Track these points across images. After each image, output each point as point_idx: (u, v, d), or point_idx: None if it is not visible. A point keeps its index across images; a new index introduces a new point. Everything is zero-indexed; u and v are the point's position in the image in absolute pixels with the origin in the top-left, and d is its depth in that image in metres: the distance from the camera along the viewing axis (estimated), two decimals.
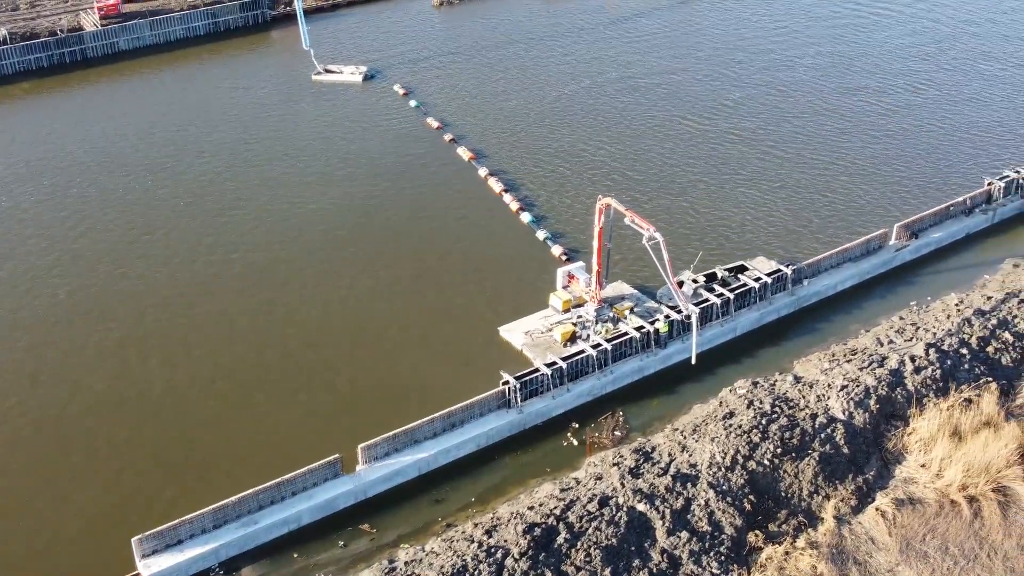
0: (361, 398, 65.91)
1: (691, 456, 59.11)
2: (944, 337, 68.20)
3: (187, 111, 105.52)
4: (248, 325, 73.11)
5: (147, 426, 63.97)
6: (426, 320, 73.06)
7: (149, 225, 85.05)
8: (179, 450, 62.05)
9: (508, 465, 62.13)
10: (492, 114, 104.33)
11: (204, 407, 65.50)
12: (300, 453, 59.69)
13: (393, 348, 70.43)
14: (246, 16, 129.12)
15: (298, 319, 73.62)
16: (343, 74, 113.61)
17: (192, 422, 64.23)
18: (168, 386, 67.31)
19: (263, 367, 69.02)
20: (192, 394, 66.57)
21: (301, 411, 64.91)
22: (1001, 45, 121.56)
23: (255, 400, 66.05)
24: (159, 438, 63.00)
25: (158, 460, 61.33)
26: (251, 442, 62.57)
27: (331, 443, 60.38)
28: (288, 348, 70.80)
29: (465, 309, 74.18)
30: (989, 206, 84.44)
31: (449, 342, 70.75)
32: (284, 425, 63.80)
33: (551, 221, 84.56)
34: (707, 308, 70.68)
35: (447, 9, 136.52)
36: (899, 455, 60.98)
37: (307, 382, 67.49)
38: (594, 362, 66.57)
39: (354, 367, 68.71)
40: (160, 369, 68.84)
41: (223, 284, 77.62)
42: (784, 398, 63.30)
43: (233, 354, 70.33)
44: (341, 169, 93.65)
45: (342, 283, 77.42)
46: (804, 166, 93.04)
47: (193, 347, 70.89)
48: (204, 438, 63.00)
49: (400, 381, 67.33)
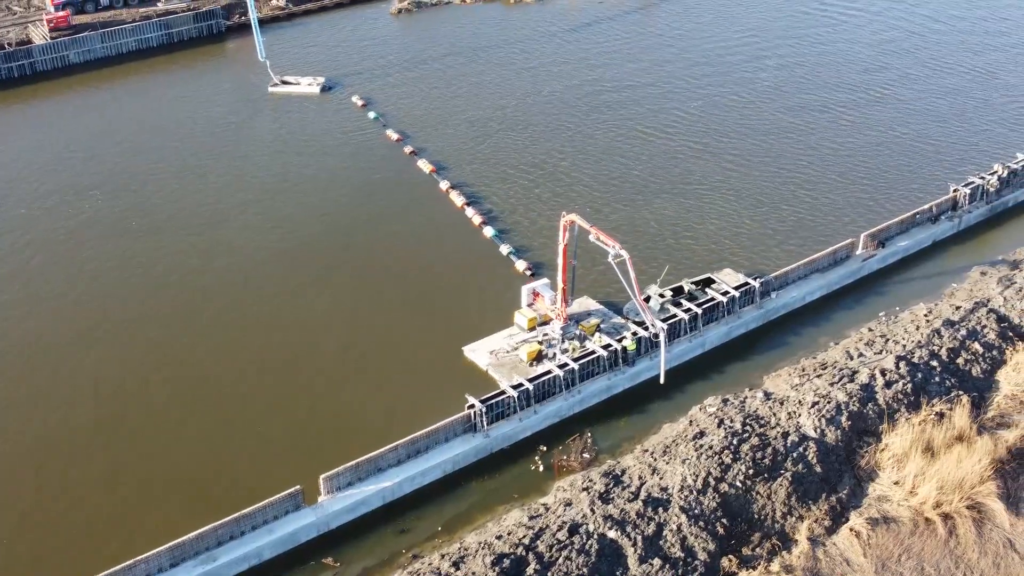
0: (321, 426, 63.80)
1: (662, 479, 57.80)
2: (914, 349, 67.43)
3: (139, 126, 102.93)
4: (198, 351, 70.51)
5: (96, 461, 61.52)
6: (387, 341, 71.20)
7: (96, 247, 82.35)
8: (131, 486, 59.67)
9: (475, 491, 60.47)
10: (453, 125, 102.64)
11: (155, 439, 62.94)
12: (259, 485, 57.64)
13: (353, 372, 68.48)
14: (200, 27, 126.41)
15: (252, 344, 71.25)
16: (300, 85, 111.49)
17: (143, 456, 61.76)
18: (116, 418, 64.72)
19: (215, 395, 66.55)
20: (142, 426, 64.00)
21: (259, 441, 62.72)
22: (962, 48, 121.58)
23: (209, 431, 63.64)
24: (109, 473, 60.57)
25: (109, 496, 58.98)
26: (207, 475, 60.32)
27: (291, 474, 58.39)
28: (242, 375, 68.41)
29: (427, 329, 72.42)
30: (955, 213, 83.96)
31: (412, 364, 68.97)
32: (241, 456, 61.64)
33: (514, 235, 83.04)
34: (675, 324, 69.46)
35: (405, 17, 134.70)
36: (872, 472, 60.00)
37: (264, 410, 65.17)
38: (561, 383, 65.13)
39: (313, 393, 66.56)
40: (106, 400, 66.22)
41: (171, 308, 75.01)
42: (755, 416, 62.17)
43: (182, 382, 67.69)
44: (298, 184, 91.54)
45: (298, 304, 75.19)
46: (767, 175, 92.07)
47: (139, 376, 68.24)
48: (157, 472, 60.54)
49: (362, 407, 65.42)
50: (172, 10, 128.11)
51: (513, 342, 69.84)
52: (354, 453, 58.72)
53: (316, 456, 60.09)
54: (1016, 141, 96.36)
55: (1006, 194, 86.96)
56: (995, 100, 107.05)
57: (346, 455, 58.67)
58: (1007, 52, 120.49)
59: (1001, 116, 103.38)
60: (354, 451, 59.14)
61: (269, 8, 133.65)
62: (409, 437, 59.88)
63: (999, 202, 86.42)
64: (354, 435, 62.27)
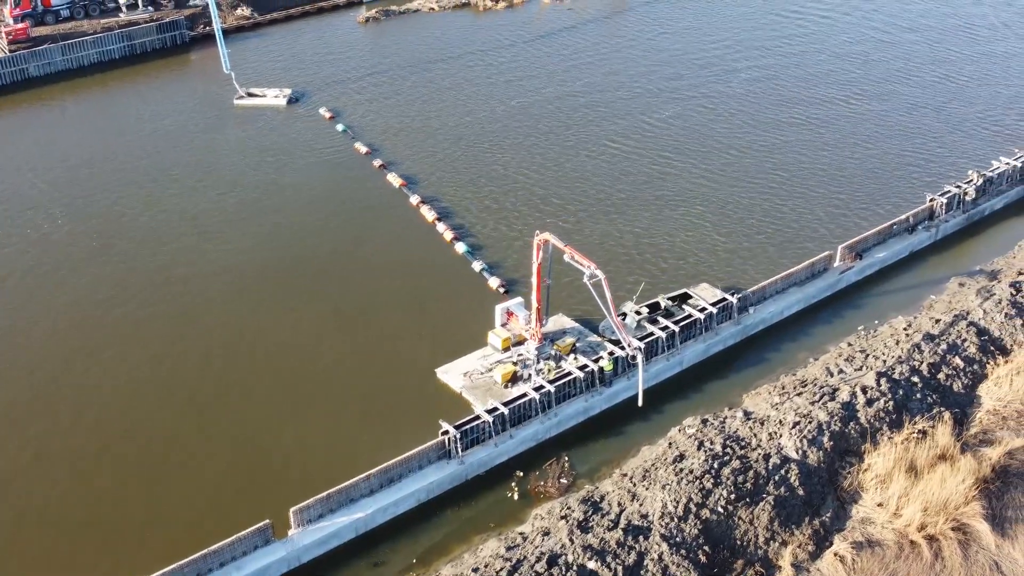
0: (290, 456, 61.73)
1: (642, 505, 56.35)
2: (894, 365, 66.38)
3: (100, 141, 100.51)
4: (159, 377, 68.11)
5: (52, 500, 58.93)
6: (357, 364, 69.32)
7: (55, 266, 79.99)
8: (91, 524, 57.32)
9: (450, 520, 58.78)
10: (423, 137, 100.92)
11: (112, 474, 60.49)
12: (226, 520, 55.59)
13: (321, 398, 66.25)
14: (163, 37, 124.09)
15: (215, 369, 68.94)
16: (266, 98, 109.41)
17: (100, 491, 59.30)
18: (71, 451, 62.13)
19: (177, 425, 64.01)
20: (98, 460, 61.48)
21: (224, 473, 60.44)
22: (933, 54, 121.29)
23: (169, 463, 61.15)
24: (65, 511, 58.13)
25: (67, 538, 56.54)
26: (170, 511, 57.96)
27: (260, 507, 56.39)
28: (204, 401, 65.98)
29: (399, 350, 70.64)
30: (932, 223, 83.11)
31: (383, 388, 67.13)
32: (206, 490, 59.35)
33: (487, 251, 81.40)
34: (652, 342, 68.04)
35: (373, 25, 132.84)
36: (855, 494, 58.84)
37: (228, 440, 62.84)
38: (537, 405, 63.58)
39: (279, 422, 64.26)
40: (61, 431, 63.64)
41: (130, 332, 72.56)
42: (735, 437, 60.85)
43: (141, 411, 65.15)
44: (263, 200, 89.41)
45: (260, 327, 72.88)
46: (741, 188, 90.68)
47: (95, 404, 65.77)
48: (118, 510, 58.18)
49: (332, 435, 63.38)
50: (135, 21, 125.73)
51: (487, 363, 68.21)
52: (325, 484, 56.83)
53: (285, 488, 58.16)
54: (991, 149, 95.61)
55: (982, 202, 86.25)
56: (968, 109, 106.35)
57: (316, 486, 56.77)
58: (978, 61, 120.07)
59: (975, 124, 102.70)
60: (324, 481, 57.26)
61: (234, 17, 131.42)
62: (382, 466, 58.10)
63: (976, 211, 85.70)
64: (324, 465, 60.39)
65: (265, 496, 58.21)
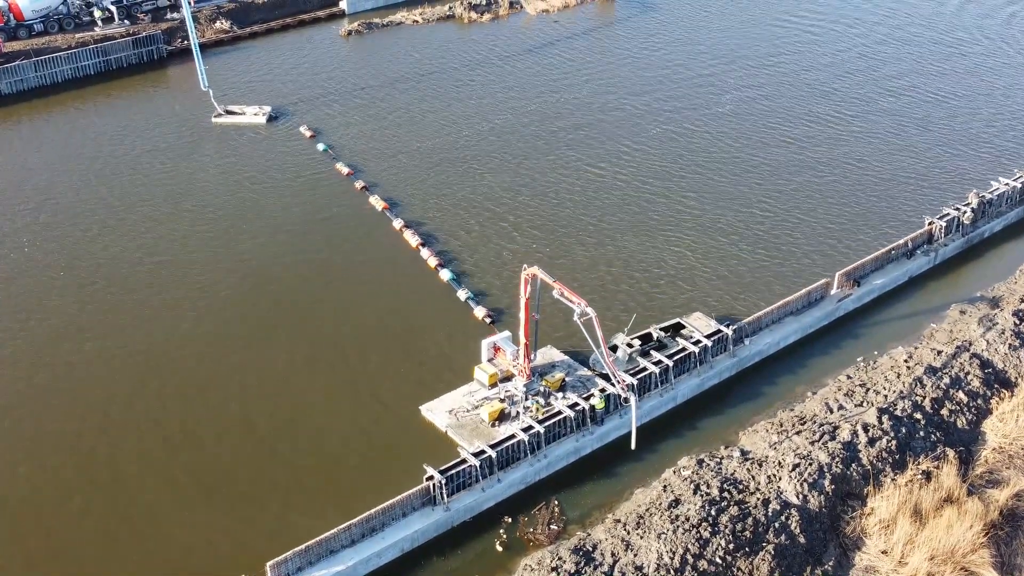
0: (266, 504, 58.61)
1: (636, 556, 53.74)
2: (896, 400, 63.97)
3: (72, 161, 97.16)
4: (127, 415, 64.81)
5: (15, 550, 55.96)
6: (337, 402, 66.22)
7: (19, 297, 76.74)
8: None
9: (436, 571, 55.96)
10: (406, 157, 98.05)
11: (75, 526, 57.16)
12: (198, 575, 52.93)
13: (298, 440, 63.12)
14: (140, 52, 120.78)
15: (184, 409, 65.43)
16: (245, 115, 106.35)
17: (60, 546, 55.89)
18: (29, 499, 58.76)
19: (143, 470, 60.64)
20: (58, 509, 58.08)
21: (195, 525, 57.15)
22: (925, 68, 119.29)
23: (135, 514, 57.70)
24: (28, 564, 55.16)
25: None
26: (137, 566, 54.76)
27: (234, 562, 53.72)
28: (172, 445, 62.54)
29: (381, 385, 67.75)
30: (930, 247, 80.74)
31: (363, 428, 64.25)
32: (176, 542, 56.08)
33: (473, 278, 78.64)
34: (645, 377, 65.39)
35: (356, 39, 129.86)
36: (858, 540, 56.39)
37: (199, 487, 59.53)
38: (526, 447, 60.86)
39: (254, 466, 61.15)
40: (22, 475, 60.42)
41: (96, 367, 69.35)
42: (733, 480, 58.32)
43: (104, 454, 61.83)
44: (240, 225, 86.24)
45: (234, 361, 69.70)
46: (733, 213, 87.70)
47: (55, 445, 62.45)
48: (76, 564, 54.93)
49: (309, 480, 60.40)
50: (110, 35, 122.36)
51: (474, 400, 65.50)
52: (303, 535, 54.04)
53: (260, 540, 55.28)
54: (989, 170, 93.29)
55: (982, 225, 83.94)
56: (967, 126, 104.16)
57: (294, 537, 53.99)
58: (971, 76, 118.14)
59: (974, 143, 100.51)
60: (303, 531, 54.57)
61: (213, 31, 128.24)
62: (364, 515, 55.29)
63: (975, 234, 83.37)
64: (302, 514, 57.51)
65: (239, 549, 55.30)
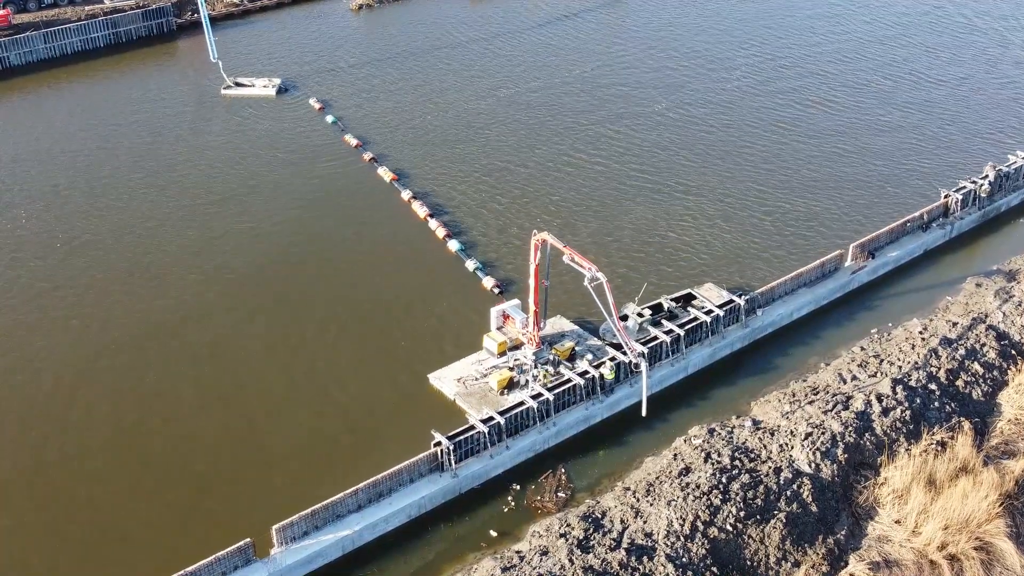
0: (272, 470, 58.19)
1: (646, 523, 53.09)
2: (911, 371, 63.11)
3: (81, 133, 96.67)
4: (134, 389, 64.32)
5: (30, 516, 55.73)
6: (344, 370, 65.78)
7: (13, 271, 76.33)
8: (68, 544, 53.98)
9: (443, 538, 55.48)
10: (415, 129, 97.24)
11: (86, 488, 57.13)
12: (206, 538, 52.35)
13: (306, 407, 62.76)
14: (149, 25, 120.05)
15: (193, 376, 65.26)
16: (254, 87, 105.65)
17: (74, 507, 55.98)
18: (53, 466, 58.80)
19: (153, 437, 60.46)
20: (71, 474, 58.09)
21: (202, 489, 56.98)
22: (943, 44, 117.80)
23: (146, 477, 57.68)
24: (45, 528, 54.91)
25: (46, 554, 53.34)
26: (146, 528, 54.63)
27: (241, 525, 53.18)
28: (182, 412, 62.35)
29: (389, 355, 67.16)
30: (946, 220, 79.71)
31: (372, 395, 63.74)
32: (184, 506, 55.91)
33: (481, 249, 77.91)
34: (656, 347, 64.65)
35: (366, 13, 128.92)
36: (871, 510, 55.65)
37: (206, 453, 59.28)
38: (535, 414, 60.22)
39: (262, 433, 60.84)
40: (32, 450, 60.03)
41: (105, 336, 68.88)
42: (744, 448, 57.59)
43: (116, 421, 61.67)
44: (249, 196, 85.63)
45: (242, 332, 69.32)
46: (748, 184, 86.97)
47: (68, 414, 62.26)
48: (91, 526, 54.91)
49: (317, 446, 59.99)
50: (119, 8, 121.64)
51: (482, 368, 64.89)
52: (309, 499, 53.58)
53: (267, 504, 54.86)
54: (1008, 143, 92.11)
55: (999, 198, 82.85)
56: (984, 101, 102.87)
57: (301, 502, 53.52)
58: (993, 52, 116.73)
59: (992, 116, 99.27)
60: (309, 497, 54.04)
61: (223, 4, 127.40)
62: (370, 480, 54.76)
63: (992, 207, 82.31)
64: (309, 479, 57.05)
65: (246, 513, 55.01)
